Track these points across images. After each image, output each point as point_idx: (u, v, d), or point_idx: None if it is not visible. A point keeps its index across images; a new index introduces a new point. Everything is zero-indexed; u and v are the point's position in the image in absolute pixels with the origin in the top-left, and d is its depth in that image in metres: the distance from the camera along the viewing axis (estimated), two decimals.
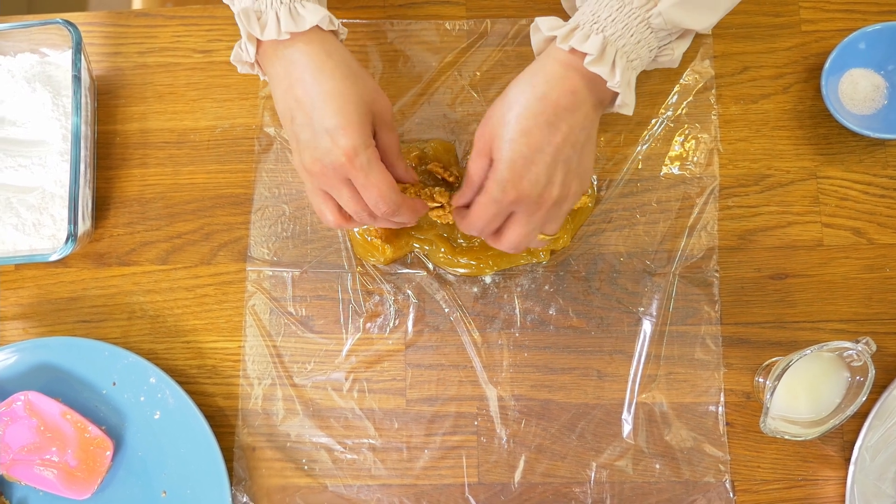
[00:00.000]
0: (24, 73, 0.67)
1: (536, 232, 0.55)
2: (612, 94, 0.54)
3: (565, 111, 0.52)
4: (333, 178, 0.53)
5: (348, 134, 0.51)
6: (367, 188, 0.53)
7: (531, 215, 0.53)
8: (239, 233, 0.68)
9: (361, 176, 0.52)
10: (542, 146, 0.51)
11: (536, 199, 0.52)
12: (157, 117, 0.70)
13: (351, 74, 0.54)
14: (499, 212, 0.53)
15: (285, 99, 0.54)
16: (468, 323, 0.66)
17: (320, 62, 0.53)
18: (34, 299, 0.68)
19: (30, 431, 0.63)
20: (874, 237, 0.66)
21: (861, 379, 0.59)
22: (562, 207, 0.54)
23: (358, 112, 0.52)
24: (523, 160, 0.51)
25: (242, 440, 0.65)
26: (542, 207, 0.53)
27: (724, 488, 0.63)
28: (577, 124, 0.52)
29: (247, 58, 0.56)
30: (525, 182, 0.52)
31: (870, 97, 0.66)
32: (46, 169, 0.66)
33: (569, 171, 0.53)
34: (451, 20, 0.69)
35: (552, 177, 0.52)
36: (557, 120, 0.52)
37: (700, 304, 0.65)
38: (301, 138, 0.53)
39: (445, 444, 0.64)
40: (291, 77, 0.53)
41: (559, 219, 0.56)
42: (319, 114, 0.52)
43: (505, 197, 0.52)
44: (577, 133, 0.52)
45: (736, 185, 0.67)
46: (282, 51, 0.54)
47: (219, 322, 0.67)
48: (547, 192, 0.52)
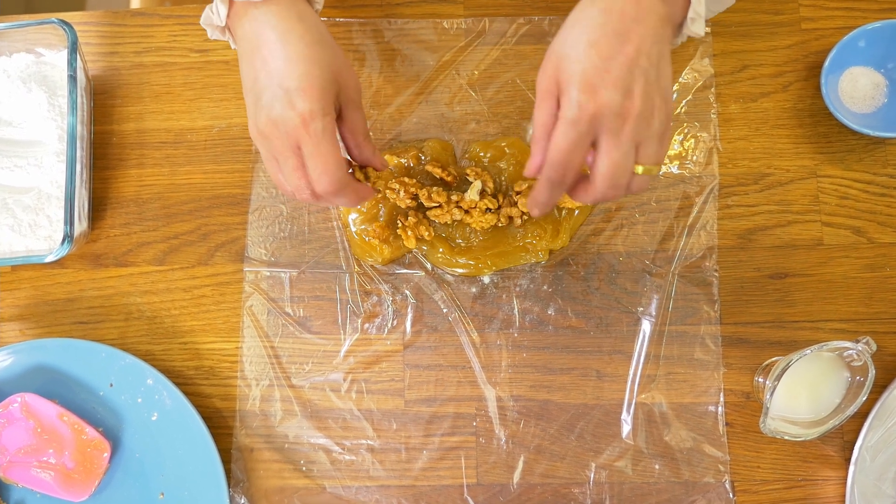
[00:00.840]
0: (20, 72, 0.67)
1: (632, 159, 0.49)
2: (682, 10, 0.51)
3: (632, 21, 0.48)
4: (284, 142, 0.50)
5: (308, 97, 0.50)
6: (314, 157, 0.50)
7: (618, 134, 0.47)
8: (236, 233, 0.67)
9: (311, 144, 0.50)
10: (614, 54, 0.47)
11: (619, 111, 0.47)
12: (154, 117, 0.69)
13: (321, 40, 0.52)
14: (579, 136, 0.47)
15: (251, 59, 0.52)
16: (467, 323, 0.65)
17: (290, 24, 0.51)
18: (31, 300, 0.67)
19: (27, 433, 0.62)
20: (874, 236, 0.65)
21: (861, 379, 0.58)
22: (651, 124, 0.48)
23: (322, 78, 0.51)
24: (595, 70, 0.47)
25: (240, 441, 0.65)
26: (628, 121, 0.47)
27: (724, 489, 0.63)
28: (648, 36, 0.48)
29: (217, 21, 0.54)
30: (602, 91, 0.46)
31: (870, 95, 0.66)
32: (42, 169, 0.66)
33: (648, 83, 0.48)
34: (449, 19, 0.69)
35: (631, 86, 0.47)
36: (625, 30, 0.47)
37: (699, 303, 0.65)
38: (261, 99, 0.51)
39: (444, 444, 0.64)
40: (259, 38, 0.51)
41: (653, 141, 0.49)
42: (282, 74, 0.50)
43: (583, 114, 0.47)
44: (648, 45, 0.48)
45: (735, 184, 0.66)
46: (252, 11, 0.52)
47: (216, 323, 0.67)
48: (629, 101, 0.47)
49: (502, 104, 0.68)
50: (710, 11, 0.55)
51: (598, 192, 0.50)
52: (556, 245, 0.65)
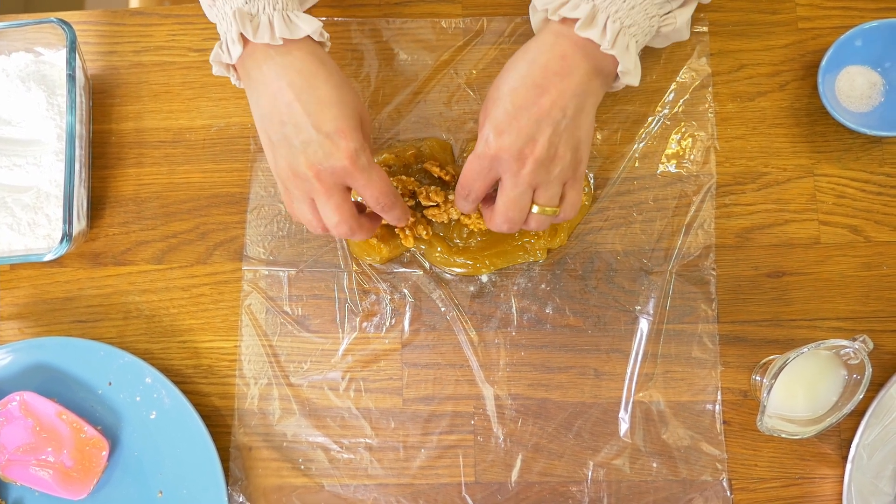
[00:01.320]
0: (19, 72, 0.67)
1: (526, 199, 0.54)
2: (613, 64, 0.54)
3: (555, 75, 0.52)
4: (328, 182, 0.53)
5: (349, 137, 0.52)
6: (369, 187, 0.54)
7: (516, 175, 0.52)
8: (235, 232, 0.68)
9: (363, 177, 0.53)
10: (527, 105, 0.51)
11: (517, 156, 0.52)
12: (153, 116, 0.70)
13: (344, 83, 0.55)
14: (481, 169, 0.53)
15: (273, 102, 0.53)
16: (465, 322, 0.66)
17: (315, 69, 0.53)
18: (29, 299, 0.67)
19: (25, 432, 0.63)
20: (871, 235, 0.66)
21: (858, 377, 0.59)
22: (551, 171, 0.53)
23: (353, 118, 0.53)
24: (506, 115, 0.51)
25: (239, 440, 0.65)
26: (526, 165, 0.52)
27: (722, 487, 0.63)
28: (569, 90, 0.52)
29: (227, 59, 0.55)
30: (506, 136, 0.51)
31: (866, 94, 0.66)
32: (41, 168, 0.66)
33: (556, 132, 0.52)
34: (448, 18, 0.69)
35: (535, 134, 0.51)
36: (546, 83, 0.52)
37: (697, 302, 0.65)
38: (292, 143, 0.53)
39: (442, 443, 0.64)
40: (281, 81, 0.53)
41: (552, 185, 0.54)
42: (316, 119, 0.52)
43: (487, 151, 0.52)
44: (567, 98, 0.52)
45: (733, 183, 0.67)
46: (272, 54, 0.53)
47: (215, 322, 0.67)
48: (528, 147, 0.52)
49: None
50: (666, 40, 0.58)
51: (496, 220, 0.55)
52: (554, 244, 0.65)
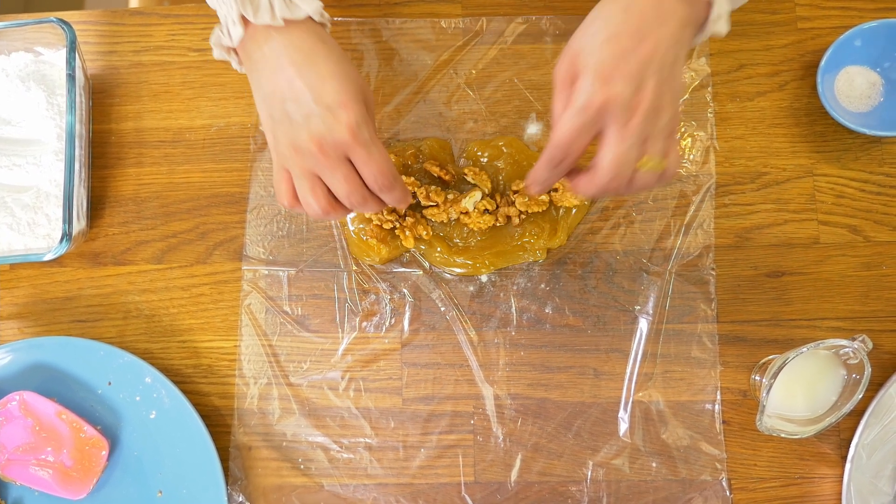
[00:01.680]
0: (19, 71, 0.67)
1: (635, 152, 0.49)
2: (703, 11, 0.51)
3: (652, 22, 0.49)
4: (332, 155, 0.52)
5: (351, 109, 0.51)
6: (368, 164, 0.52)
7: (625, 126, 0.48)
8: (234, 232, 0.68)
9: (363, 151, 0.52)
10: (630, 50, 0.48)
11: (628, 104, 0.48)
12: (153, 116, 0.70)
13: (344, 59, 0.54)
14: (585, 123, 0.49)
15: (274, 80, 0.53)
16: (464, 322, 0.66)
17: (314, 46, 0.53)
18: (29, 299, 0.67)
19: (25, 431, 0.63)
20: (870, 235, 0.66)
21: (857, 377, 0.59)
22: (659, 121, 0.49)
23: (356, 91, 0.52)
24: (610, 62, 0.48)
25: (238, 439, 0.65)
26: (637, 114, 0.48)
27: (721, 486, 0.63)
28: (665, 38, 0.49)
29: (227, 42, 0.55)
30: (614, 83, 0.48)
31: (866, 94, 0.66)
32: (41, 168, 0.66)
33: (660, 81, 0.49)
34: (447, 18, 0.69)
35: (643, 81, 0.48)
36: (644, 30, 0.48)
37: (696, 302, 0.65)
38: (293, 119, 0.52)
39: (442, 442, 0.64)
40: (282, 59, 0.52)
41: (660, 137, 0.50)
42: (317, 92, 0.51)
43: (592, 102, 0.48)
44: (665, 47, 0.49)
45: (732, 183, 0.67)
46: (273, 34, 0.53)
47: (214, 321, 0.67)
48: (640, 95, 0.48)
49: (500, 103, 0.68)
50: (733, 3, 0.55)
51: (600, 182, 0.50)
52: (553, 244, 0.65)
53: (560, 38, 0.69)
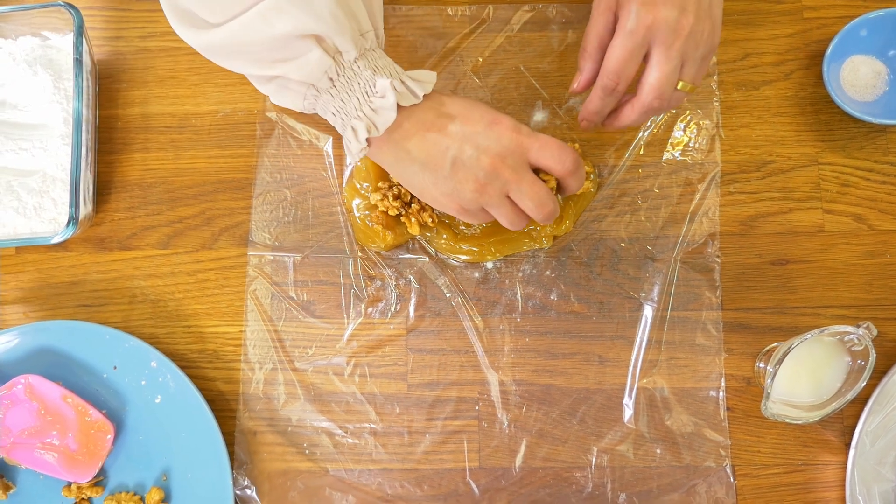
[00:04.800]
0: (26, 56, 0.67)
1: (677, 74, 0.54)
2: None
3: None
4: (513, 164, 0.54)
5: (502, 117, 0.54)
6: (545, 148, 0.54)
7: (670, 48, 0.53)
8: (240, 217, 0.68)
9: (536, 141, 0.54)
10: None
11: (673, 26, 0.52)
12: (159, 101, 0.70)
13: (463, 96, 0.56)
14: (636, 45, 0.53)
15: (425, 142, 0.54)
16: (470, 308, 0.66)
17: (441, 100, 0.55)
18: (35, 283, 0.67)
19: (30, 415, 0.63)
20: (875, 223, 0.66)
21: (862, 363, 0.59)
22: (698, 45, 0.53)
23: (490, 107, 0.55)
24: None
25: (243, 424, 0.65)
26: (680, 37, 0.52)
27: (725, 473, 0.63)
28: None
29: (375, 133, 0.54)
30: (660, 6, 0.51)
31: (871, 84, 0.66)
32: (47, 152, 0.66)
33: (701, 7, 0.52)
34: (454, 6, 0.69)
35: (686, 6, 0.52)
36: None
37: (701, 289, 0.65)
38: (465, 159, 0.53)
39: (447, 428, 0.64)
40: (425, 122, 0.54)
41: (696, 61, 0.54)
42: (471, 123, 0.54)
43: (641, 24, 0.52)
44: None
45: (737, 171, 0.67)
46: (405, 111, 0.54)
47: (220, 306, 0.67)
48: (683, 19, 0.52)
49: (506, 91, 0.68)
50: None
51: (644, 102, 0.55)
52: (559, 231, 0.65)
53: (566, 27, 0.69)
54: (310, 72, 0.52)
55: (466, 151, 0.53)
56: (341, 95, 0.54)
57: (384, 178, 0.65)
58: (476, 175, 0.54)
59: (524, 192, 0.54)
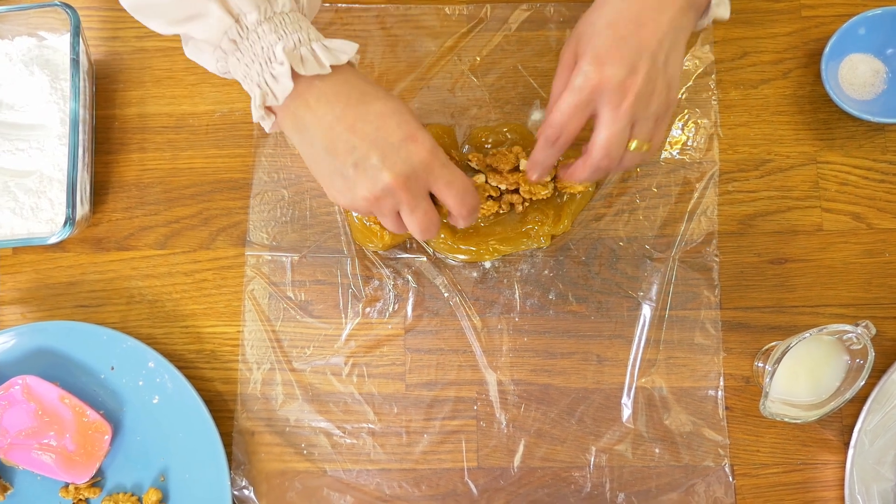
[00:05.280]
0: (22, 56, 0.67)
1: (626, 134, 0.53)
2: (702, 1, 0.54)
3: (653, 10, 0.51)
4: (415, 190, 0.52)
5: (422, 137, 0.51)
6: (452, 185, 0.53)
7: (617, 108, 0.51)
8: (238, 217, 0.68)
9: (445, 173, 0.52)
10: (627, 36, 0.51)
11: (619, 87, 0.51)
12: (156, 102, 0.70)
13: (390, 95, 0.54)
14: (580, 102, 0.52)
15: (331, 133, 0.51)
16: (468, 308, 0.66)
17: (363, 88, 0.52)
18: (32, 284, 0.67)
19: (28, 416, 0.63)
20: (874, 222, 0.66)
21: (861, 362, 0.59)
22: (649, 105, 0.52)
23: (416, 119, 0.53)
24: (606, 47, 0.51)
25: (241, 425, 0.65)
26: (627, 97, 0.51)
27: (724, 472, 0.63)
28: (664, 24, 0.51)
29: (272, 101, 0.52)
30: (607, 66, 0.50)
31: (869, 82, 0.66)
32: (44, 153, 0.66)
33: (654, 66, 0.51)
34: (451, 5, 0.69)
35: (636, 66, 0.51)
36: (644, 17, 0.51)
37: (700, 288, 0.65)
38: (370, 163, 0.51)
39: (445, 428, 0.64)
40: (336, 109, 0.51)
41: (649, 121, 0.53)
42: (385, 131, 0.51)
43: (587, 83, 0.51)
44: (663, 33, 0.51)
45: (736, 170, 0.67)
46: (318, 86, 0.51)
47: (217, 307, 0.67)
48: (631, 79, 0.51)
49: (504, 90, 0.68)
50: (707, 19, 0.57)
51: (593, 162, 0.54)
52: (557, 230, 0.65)
53: (564, 25, 0.69)
54: (211, 32, 0.51)
55: (371, 160, 0.51)
56: (245, 60, 0.51)
57: None
58: (373, 186, 0.51)
59: (415, 217, 0.53)
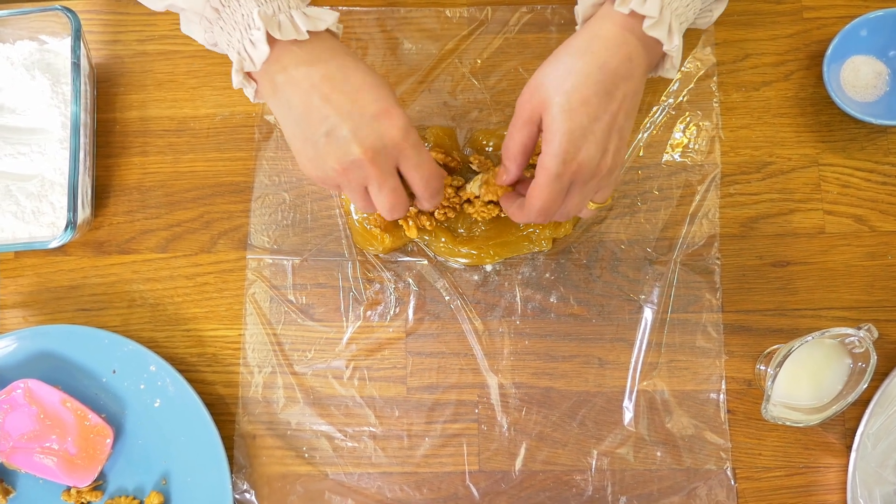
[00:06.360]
0: (24, 60, 0.67)
1: (587, 201, 0.55)
2: (657, 59, 0.54)
3: (622, 79, 0.51)
4: (383, 165, 0.51)
5: (396, 114, 0.51)
6: (419, 167, 0.53)
7: (585, 185, 0.53)
8: (239, 221, 0.68)
9: (415, 154, 0.52)
10: (600, 115, 0.51)
11: (593, 170, 0.52)
12: (157, 105, 0.70)
13: (369, 67, 0.53)
14: (561, 188, 0.52)
15: (307, 100, 0.51)
16: (469, 311, 0.66)
17: (341, 59, 0.52)
18: (34, 287, 0.67)
19: (30, 419, 0.63)
20: (876, 224, 0.65)
21: (863, 365, 0.59)
22: (612, 175, 0.54)
23: (393, 96, 0.52)
24: (581, 130, 0.50)
25: (243, 428, 0.65)
26: (597, 177, 0.52)
27: (726, 476, 0.63)
28: (631, 91, 0.52)
29: (250, 66, 0.52)
30: (583, 153, 0.51)
31: (871, 84, 0.66)
32: (46, 156, 0.66)
33: (621, 138, 0.53)
34: (452, 7, 0.69)
35: (607, 145, 0.52)
36: (614, 88, 0.51)
37: (701, 291, 0.65)
38: (339, 135, 0.51)
39: (446, 431, 0.64)
40: (313, 77, 0.51)
41: (611, 186, 0.56)
42: (360, 104, 0.51)
43: (566, 170, 0.51)
44: (630, 100, 0.52)
45: (737, 173, 0.66)
46: (297, 52, 0.51)
47: (219, 310, 0.67)
48: (603, 161, 0.52)
49: (505, 93, 0.68)
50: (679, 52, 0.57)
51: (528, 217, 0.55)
52: (559, 234, 0.65)
53: (565, 28, 0.69)
54: (195, 1, 0.51)
55: (342, 131, 0.50)
56: (227, 28, 0.51)
57: None
58: (342, 157, 0.51)
59: (382, 194, 0.53)
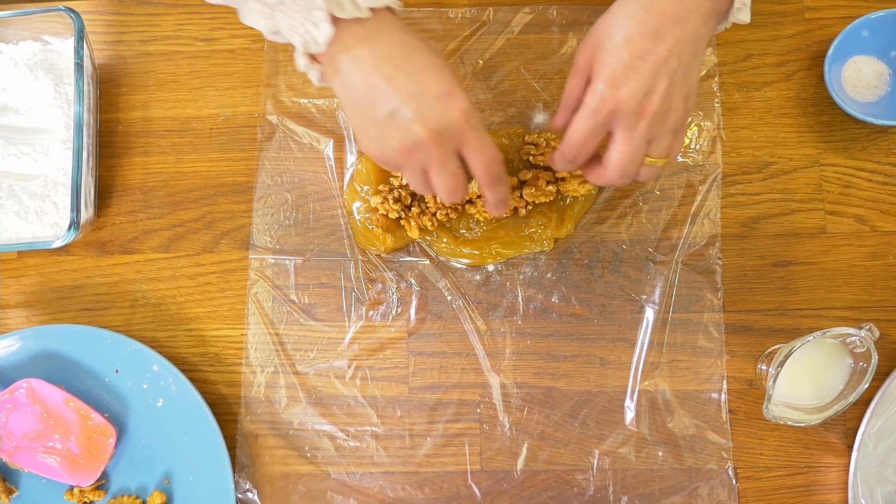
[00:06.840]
0: (27, 60, 0.67)
1: (641, 153, 0.52)
2: (722, 6, 0.52)
3: (672, 21, 0.50)
4: (446, 147, 0.51)
5: (460, 96, 0.50)
6: (481, 150, 0.51)
7: (632, 130, 0.51)
8: (241, 221, 0.68)
9: (476, 137, 0.51)
10: (644, 54, 0.49)
11: (636, 110, 0.50)
12: (160, 106, 0.70)
13: (433, 48, 0.52)
14: (596, 125, 0.51)
15: (370, 80, 0.50)
16: (471, 311, 0.66)
17: (405, 38, 0.51)
18: (37, 287, 0.68)
19: (33, 419, 0.63)
20: (877, 224, 0.66)
21: (864, 365, 0.59)
22: (666, 122, 0.51)
23: (456, 78, 0.51)
24: (623, 67, 0.49)
25: (245, 428, 0.65)
26: (643, 119, 0.50)
27: (727, 475, 0.63)
28: (685, 36, 0.50)
29: (315, 48, 0.50)
30: (624, 90, 0.49)
31: (873, 84, 0.66)
32: (49, 157, 0.66)
33: (672, 83, 0.50)
34: (454, 8, 0.69)
35: (653, 86, 0.50)
36: (663, 29, 0.49)
37: (703, 291, 0.65)
38: (402, 116, 0.50)
39: (448, 431, 0.64)
40: (376, 57, 0.50)
41: (665, 137, 0.52)
42: (424, 85, 0.50)
43: (603, 106, 0.50)
44: (683, 45, 0.50)
45: (739, 173, 0.67)
46: (360, 32, 0.50)
47: (221, 310, 0.67)
48: (648, 101, 0.50)
49: (507, 93, 0.68)
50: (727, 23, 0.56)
51: (608, 178, 0.54)
52: (560, 233, 0.65)
53: (567, 28, 0.69)
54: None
55: (405, 112, 0.50)
56: (288, 12, 0.50)
57: (384, 181, 0.66)
58: (405, 138, 0.50)
59: (443, 176, 0.52)
